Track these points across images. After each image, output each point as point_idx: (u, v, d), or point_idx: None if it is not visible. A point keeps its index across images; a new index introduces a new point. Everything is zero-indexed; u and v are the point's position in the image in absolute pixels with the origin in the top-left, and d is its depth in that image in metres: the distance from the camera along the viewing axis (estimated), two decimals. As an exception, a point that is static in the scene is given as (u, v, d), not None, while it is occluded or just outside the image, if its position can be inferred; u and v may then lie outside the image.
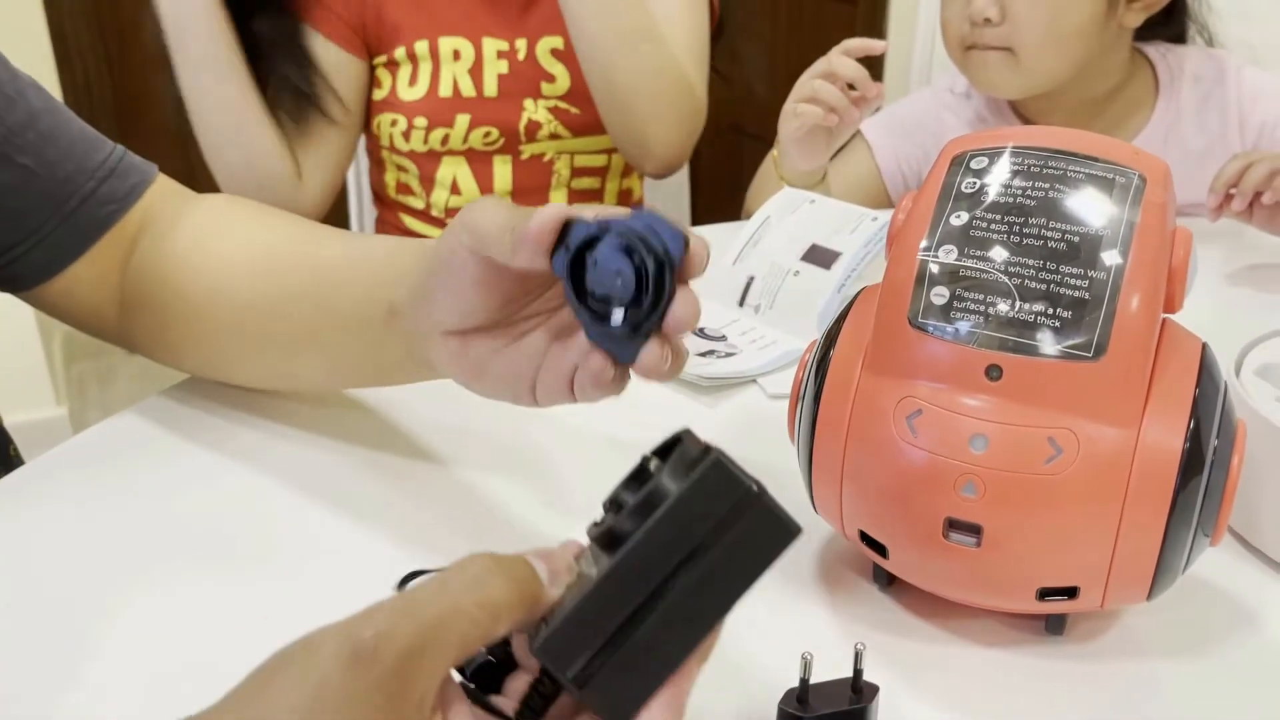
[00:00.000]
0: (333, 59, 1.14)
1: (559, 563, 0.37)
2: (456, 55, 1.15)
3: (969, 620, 0.54)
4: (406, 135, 1.17)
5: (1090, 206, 0.47)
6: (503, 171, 1.19)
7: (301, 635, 0.33)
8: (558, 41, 1.16)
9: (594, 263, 0.43)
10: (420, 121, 1.16)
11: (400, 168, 1.22)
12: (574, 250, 0.44)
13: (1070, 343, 0.45)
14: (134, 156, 0.69)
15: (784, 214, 0.89)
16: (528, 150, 1.18)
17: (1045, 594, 0.49)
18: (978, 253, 0.47)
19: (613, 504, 0.37)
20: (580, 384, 0.47)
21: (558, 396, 0.49)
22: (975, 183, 0.49)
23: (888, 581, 0.56)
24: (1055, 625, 0.52)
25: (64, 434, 2.28)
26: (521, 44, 1.16)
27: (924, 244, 0.48)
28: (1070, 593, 0.48)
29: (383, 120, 1.18)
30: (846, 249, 0.83)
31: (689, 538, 0.35)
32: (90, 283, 0.67)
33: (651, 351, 0.43)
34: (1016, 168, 0.49)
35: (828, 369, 0.51)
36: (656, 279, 0.42)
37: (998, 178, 0.49)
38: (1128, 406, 0.46)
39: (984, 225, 0.48)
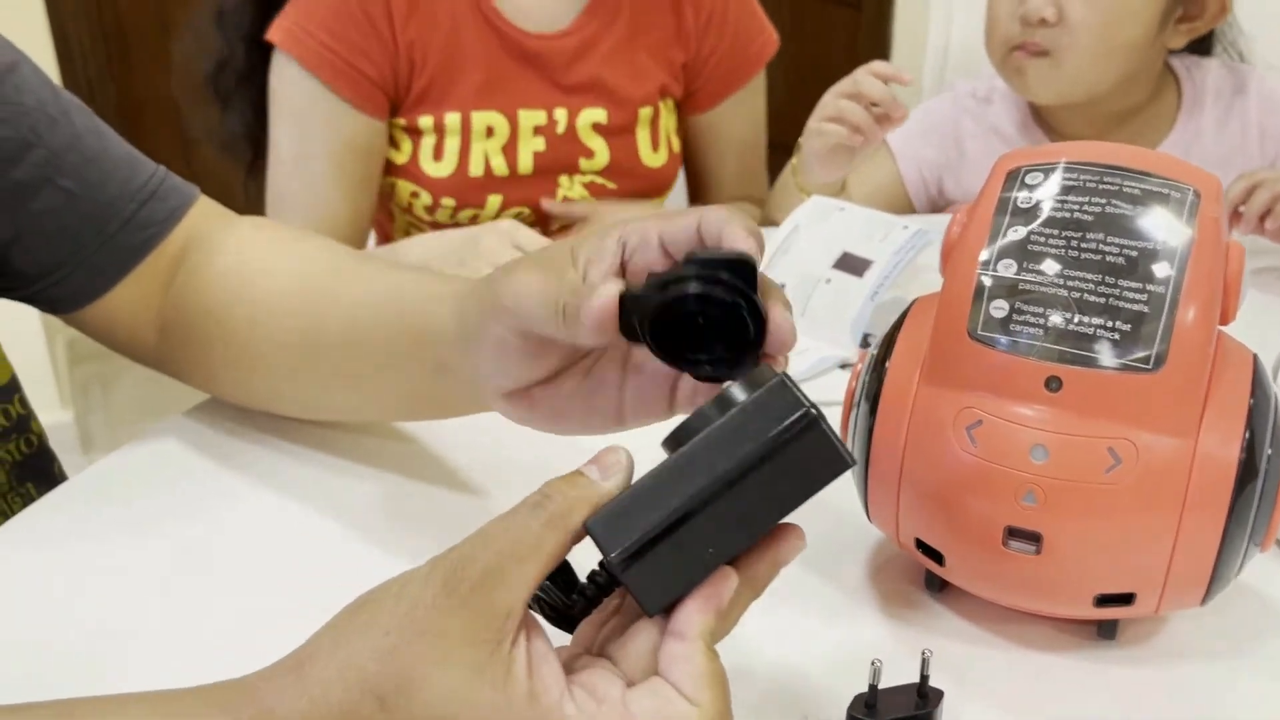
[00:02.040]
0: (349, 126, 1.05)
1: (607, 458, 0.39)
2: (490, 132, 1.08)
3: (1020, 626, 0.55)
4: (431, 210, 1.10)
5: (1147, 222, 0.48)
6: None
7: None
8: (600, 115, 1.10)
9: (674, 327, 0.42)
10: (448, 201, 1.09)
11: (416, 227, 1.15)
12: (650, 326, 0.42)
13: (1130, 355, 0.46)
14: (175, 178, 0.69)
15: (814, 222, 0.90)
16: (560, 224, 1.13)
17: (1102, 600, 0.50)
18: (1036, 267, 0.48)
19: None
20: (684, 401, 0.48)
21: (655, 416, 0.49)
22: (1031, 198, 0.50)
23: (939, 588, 0.57)
24: (1108, 630, 0.53)
25: (69, 438, 2.26)
26: (561, 115, 1.09)
27: (983, 258, 0.49)
28: (1127, 599, 0.50)
29: (401, 186, 1.11)
30: (878, 257, 0.84)
31: (746, 447, 0.37)
32: (130, 306, 0.67)
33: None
34: (1072, 183, 0.50)
35: (884, 379, 0.52)
36: (747, 315, 0.41)
37: (1054, 193, 0.50)
38: (1185, 417, 0.47)
39: (1042, 240, 0.49)
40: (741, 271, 0.42)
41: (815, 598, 0.57)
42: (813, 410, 0.37)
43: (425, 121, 1.07)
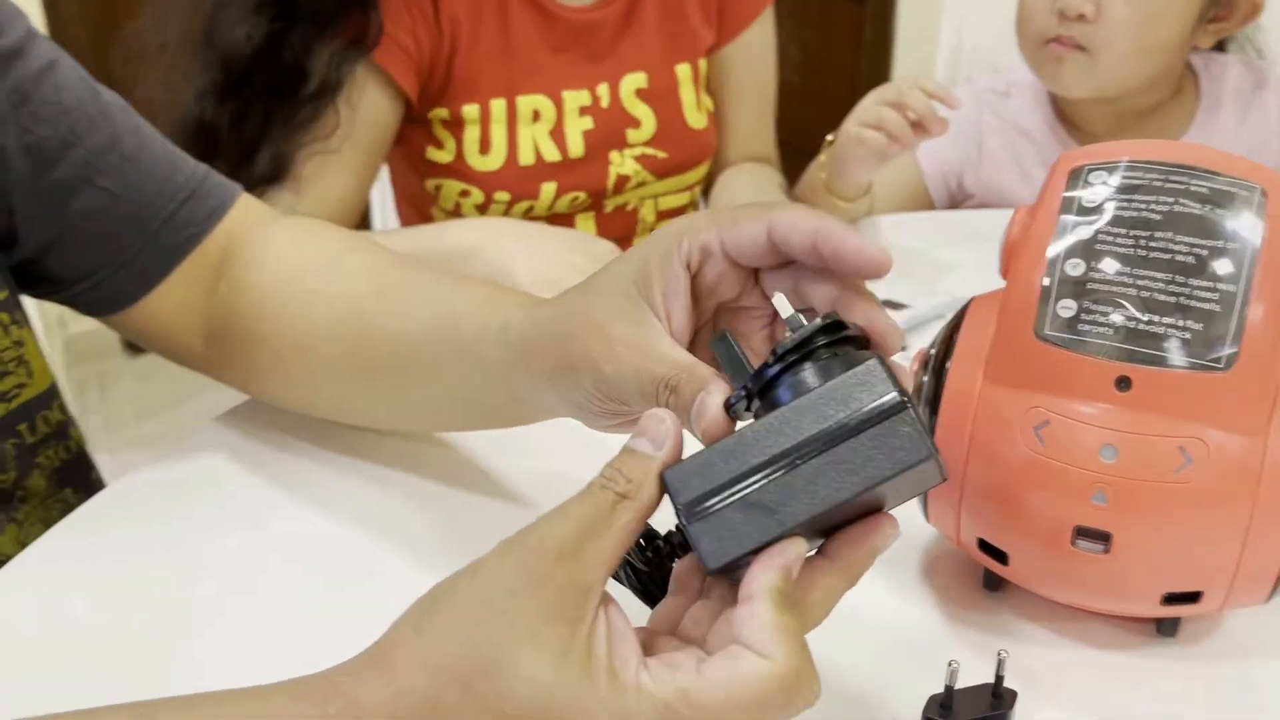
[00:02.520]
0: (375, 99, 0.99)
1: (656, 429, 0.39)
2: (536, 116, 1.05)
3: (1078, 623, 0.55)
4: (483, 208, 1.07)
5: (1216, 220, 0.48)
6: (587, 229, 1.12)
7: None
8: (641, 80, 1.08)
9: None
10: (501, 196, 1.05)
11: None
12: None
13: (1201, 354, 0.46)
14: (216, 175, 0.68)
15: None
16: (612, 203, 1.12)
17: (1169, 599, 0.50)
18: (1104, 266, 0.48)
19: (775, 359, 0.40)
20: None
21: None
22: (1096, 196, 0.50)
23: (996, 586, 0.57)
24: (1169, 628, 0.53)
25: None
26: (604, 90, 1.07)
27: (1049, 258, 0.49)
28: (1194, 597, 0.50)
29: (449, 187, 1.07)
30: (916, 305, 0.85)
31: (830, 420, 0.37)
32: (174, 308, 0.66)
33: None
34: (1137, 182, 0.50)
35: (944, 380, 0.52)
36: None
37: (1120, 192, 0.50)
38: (1255, 415, 0.47)
39: (1110, 239, 0.49)
40: (833, 329, 0.40)
41: (874, 598, 0.57)
42: (902, 396, 0.37)
43: (470, 111, 1.04)
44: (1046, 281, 0.49)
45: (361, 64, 0.98)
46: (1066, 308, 0.48)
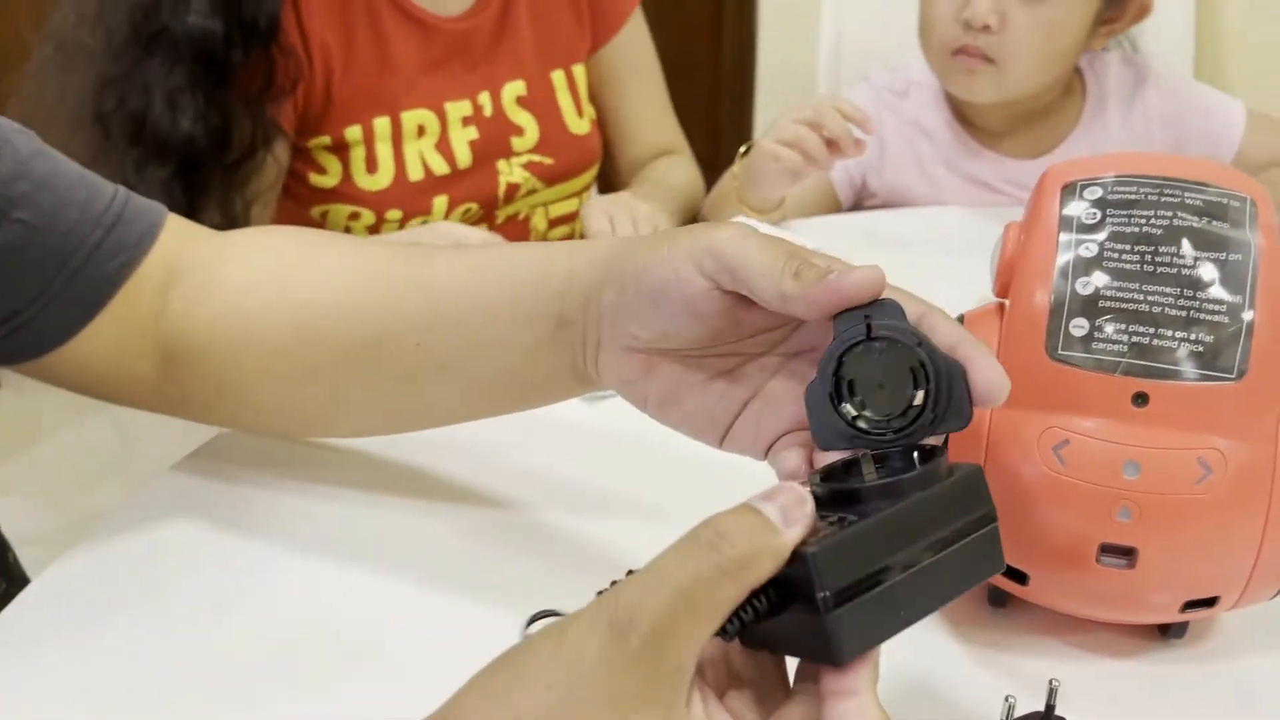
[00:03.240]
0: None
1: (791, 504, 0.36)
2: (421, 130, 1.04)
3: (1085, 634, 0.56)
4: (374, 228, 1.05)
5: (1215, 233, 0.49)
6: None
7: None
8: (520, 88, 1.08)
9: (875, 356, 0.42)
10: (393, 214, 1.04)
11: None
12: (871, 333, 0.42)
13: (1214, 366, 0.47)
14: (137, 196, 0.62)
15: None
16: (504, 213, 1.11)
17: (1188, 605, 0.51)
18: (1115, 283, 0.48)
19: (827, 475, 0.41)
20: (785, 462, 0.46)
21: (751, 452, 0.48)
22: (1096, 213, 0.50)
23: (1003, 603, 0.57)
24: (1178, 631, 0.54)
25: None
26: (485, 99, 1.07)
27: (1057, 276, 0.49)
28: (1211, 602, 0.51)
29: (336, 212, 1.04)
30: None
31: (947, 525, 0.37)
32: (111, 343, 0.60)
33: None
34: (1134, 196, 0.50)
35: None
36: (914, 426, 0.41)
37: (1117, 207, 0.50)
38: (1264, 421, 0.48)
39: (1115, 255, 0.49)
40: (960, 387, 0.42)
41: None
42: (994, 510, 0.39)
43: (353, 133, 1.01)
44: (1056, 300, 0.49)
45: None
46: (1079, 326, 0.48)
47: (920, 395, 0.41)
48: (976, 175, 1.18)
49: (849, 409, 0.42)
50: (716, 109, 2.14)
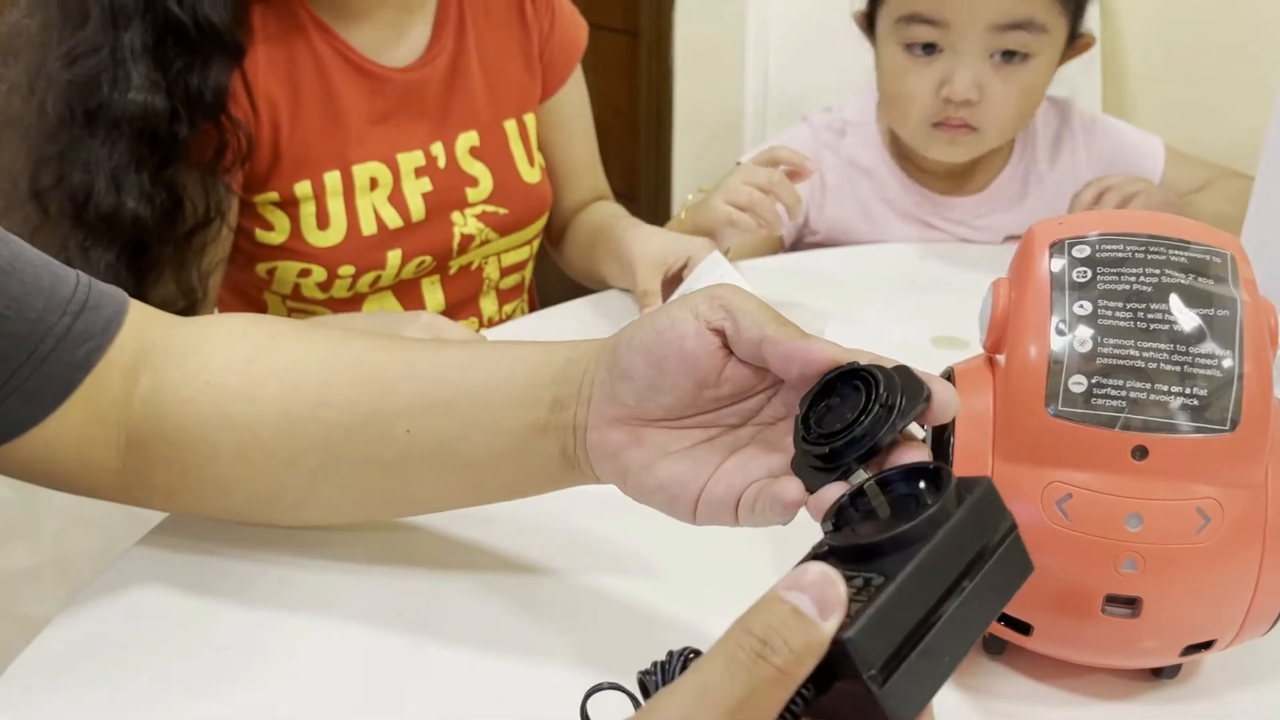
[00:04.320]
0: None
1: (827, 592, 0.34)
2: (374, 184, 1.01)
3: (1076, 678, 0.57)
4: (326, 285, 1.01)
5: (1201, 289, 0.50)
6: (433, 294, 1.09)
7: None
8: (474, 138, 1.06)
9: (833, 395, 0.45)
10: (346, 270, 1.00)
11: (300, 313, 1.05)
12: (826, 383, 0.46)
13: (1209, 419, 0.49)
14: (100, 284, 0.60)
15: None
16: (456, 264, 1.09)
17: (1188, 649, 0.52)
18: (1111, 340, 0.50)
19: (839, 518, 0.42)
20: (760, 504, 0.47)
21: (720, 515, 0.49)
22: (1087, 271, 0.52)
23: (999, 651, 0.58)
24: (1171, 672, 0.56)
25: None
26: (439, 149, 1.05)
27: (1054, 334, 0.50)
28: (1209, 644, 0.52)
29: (284, 269, 1.01)
30: None
31: (970, 553, 0.37)
32: (76, 432, 0.58)
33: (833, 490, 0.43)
34: (1122, 254, 0.52)
35: (952, 458, 0.53)
36: (878, 415, 0.43)
37: (1108, 265, 0.51)
38: (1255, 469, 0.50)
39: (1110, 313, 0.50)
40: (910, 402, 0.43)
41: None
42: (1013, 518, 0.39)
43: (302, 188, 0.98)
44: (1053, 358, 0.50)
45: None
46: (1078, 383, 0.50)
47: (864, 393, 0.44)
48: (914, 213, 1.20)
49: (817, 441, 0.44)
50: (634, 146, 2.16)
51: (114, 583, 0.62)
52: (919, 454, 0.43)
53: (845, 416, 0.44)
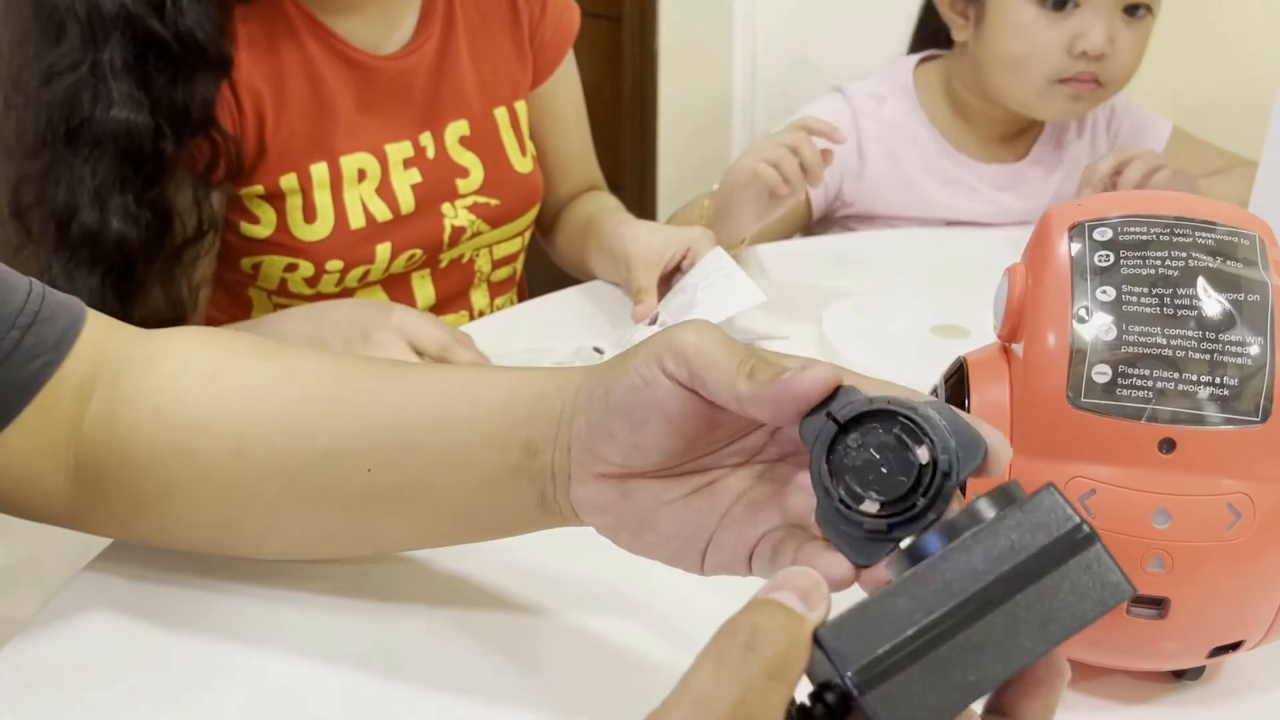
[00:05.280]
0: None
1: (806, 585, 0.33)
2: (362, 175, 0.97)
3: (1094, 680, 0.54)
4: (313, 280, 0.98)
5: (1230, 272, 0.48)
6: (423, 288, 1.05)
7: None
8: (464, 127, 1.03)
9: (859, 443, 0.38)
10: (334, 264, 0.97)
11: (283, 308, 1.00)
12: (844, 423, 0.38)
13: (1239, 410, 0.46)
14: (54, 292, 0.56)
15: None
16: (447, 257, 1.05)
17: (1215, 651, 0.50)
18: (1137, 328, 0.47)
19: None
20: (784, 554, 0.42)
21: (733, 567, 0.44)
22: (1109, 255, 0.49)
23: (1015, 652, 0.55)
24: (1194, 674, 0.53)
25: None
26: (428, 140, 1.01)
27: (1076, 321, 0.48)
28: (1237, 645, 0.50)
29: (270, 263, 0.97)
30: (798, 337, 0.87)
31: (1011, 559, 0.32)
32: (28, 451, 0.54)
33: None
34: (1146, 237, 0.49)
35: (966, 453, 0.50)
36: (938, 485, 0.37)
37: (1132, 249, 0.49)
38: (1286, 462, 0.48)
39: (1134, 299, 0.48)
40: (970, 453, 0.38)
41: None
42: (1085, 525, 0.33)
43: (289, 181, 0.94)
44: (1075, 346, 0.48)
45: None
46: (1101, 373, 0.47)
47: (923, 449, 0.38)
48: (958, 178, 1.20)
49: (869, 507, 0.38)
50: (618, 135, 2.12)
51: (61, 610, 0.57)
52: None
53: (881, 473, 0.38)
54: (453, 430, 0.49)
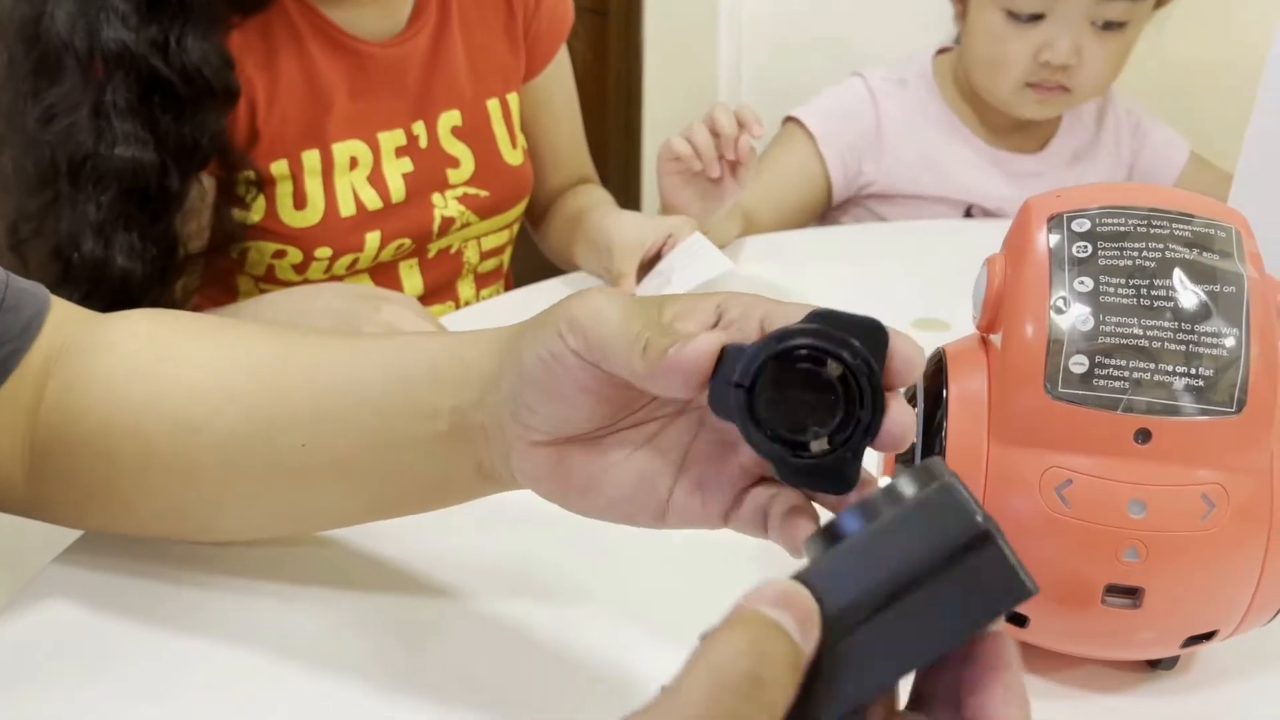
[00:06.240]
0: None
1: (804, 610, 0.31)
2: (353, 163, 0.96)
3: (1071, 670, 0.55)
4: (301, 267, 0.97)
5: (1206, 264, 0.48)
6: (411, 278, 1.05)
7: None
8: (457, 117, 1.02)
9: (773, 394, 0.38)
10: (322, 252, 0.96)
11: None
12: (748, 384, 0.38)
13: (1214, 401, 0.47)
14: (20, 280, 0.56)
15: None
16: (435, 247, 1.05)
17: (1189, 640, 0.50)
18: (1114, 319, 0.47)
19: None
20: (775, 525, 0.41)
21: (697, 522, 0.44)
22: (1087, 246, 0.49)
23: (991, 642, 0.55)
24: (1168, 663, 0.54)
25: None
26: (420, 129, 1.00)
27: (1053, 312, 0.48)
28: (1211, 635, 0.50)
29: (258, 250, 0.95)
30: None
31: (907, 558, 0.31)
32: None
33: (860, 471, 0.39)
34: (1123, 229, 0.49)
35: (944, 441, 0.50)
36: (868, 388, 0.38)
37: (1109, 240, 0.49)
38: (1260, 454, 0.48)
39: (1112, 289, 0.48)
40: (873, 342, 0.38)
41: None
42: (982, 522, 0.32)
43: (279, 167, 0.93)
44: (1053, 336, 0.48)
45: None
46: (1079, 363, 0.47)
47: (832, 364, 0.37)
48: (979, 163, 1.22)
49: (819, 445, 0.38)
50: (603, 129, 2.12)
51: (30, 600, 0.57)
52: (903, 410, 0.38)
53: (810, 407, 0.38)
54: (379, 402, 0.49)
